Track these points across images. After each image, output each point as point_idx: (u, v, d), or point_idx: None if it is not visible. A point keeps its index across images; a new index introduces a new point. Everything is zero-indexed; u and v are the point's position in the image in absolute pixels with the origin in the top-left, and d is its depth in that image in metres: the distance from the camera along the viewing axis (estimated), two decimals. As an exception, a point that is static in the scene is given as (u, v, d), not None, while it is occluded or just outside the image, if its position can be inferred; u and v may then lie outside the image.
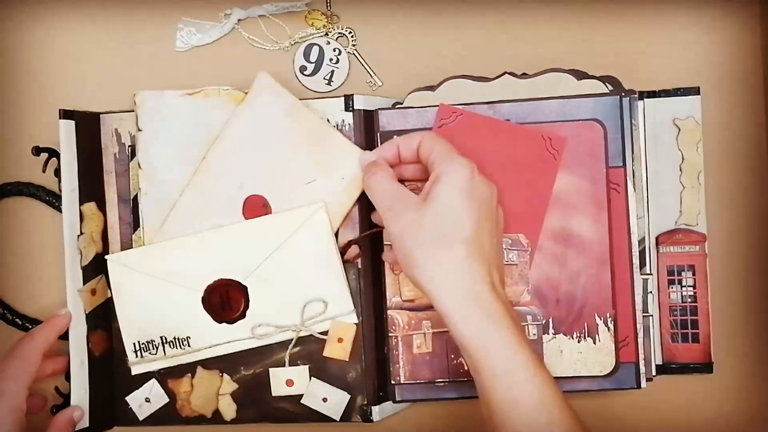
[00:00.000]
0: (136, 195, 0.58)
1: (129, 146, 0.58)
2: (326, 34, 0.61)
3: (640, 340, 0.54)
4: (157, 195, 0.56)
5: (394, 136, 0.54)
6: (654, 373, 0.56)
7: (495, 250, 0.49)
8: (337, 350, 0.56)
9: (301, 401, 0.56)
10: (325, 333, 0.56)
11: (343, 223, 0.56)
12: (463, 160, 0.49)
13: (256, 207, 0.55)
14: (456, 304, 0.46)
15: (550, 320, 0.55)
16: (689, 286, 0.56)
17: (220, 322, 0.56)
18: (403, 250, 0.48)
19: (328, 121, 0.56)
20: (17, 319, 0.60)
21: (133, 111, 0.58)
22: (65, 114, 0.56)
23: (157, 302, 0.56)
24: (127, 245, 0.58)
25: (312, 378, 0.56)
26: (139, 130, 0.56)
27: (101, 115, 0.58)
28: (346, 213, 0.55)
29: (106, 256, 0.57)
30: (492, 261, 0.48)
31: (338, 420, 0.56)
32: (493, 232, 0.49)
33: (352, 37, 0.61)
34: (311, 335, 0.56)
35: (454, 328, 0.46)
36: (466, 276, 0.46)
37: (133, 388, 0.58)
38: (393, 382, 0.56)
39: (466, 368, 0.55)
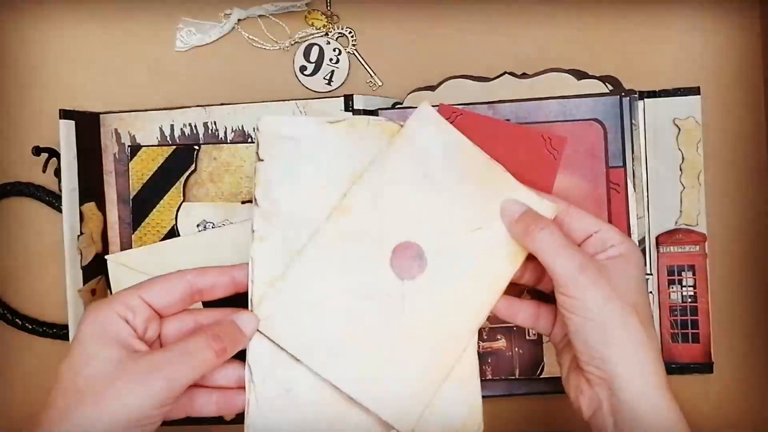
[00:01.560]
0: (135, 195, 0.58)
1: (129, 146, 0.58)
2: (326, 34, 0.61)
3: (640, 340, 0.54)
4: (273, 239, 0.46)
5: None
6: (654, 373, 0.56)
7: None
8: (337, 350, 0.55)
9: (301, 401, 0.56)
10: (325, 333, 0.55)
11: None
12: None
13: (407, 257, 0.46)
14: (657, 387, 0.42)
15: (550, 320, 0.55)
16: (689, 286, 0.56)
17: (220, 322, 0.56)
18: (598, 320, 0.42)
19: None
20: (17, 320, 0.60)
21: (132, 111, 0.58)
22: (65, 114, 0.56)
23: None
24: (126, 245, 0.58)
25: (312, 378, 0.56)
26: (260, 159, 0.47)
27: (101, 115, 0.58)
28: (518, 267, 0.47)
29: (106, 257, 0.57)
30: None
31: (338, 420, 0.56)
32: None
33: (352, 37, 0.61)
34: (311, 335, 0.56)
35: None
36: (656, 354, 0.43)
37: (133, 388, 0.57)
38: (393, 382, 0.55)
39: (466, 368, 0.55)
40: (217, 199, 0.57)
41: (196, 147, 0.57)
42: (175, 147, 0.57)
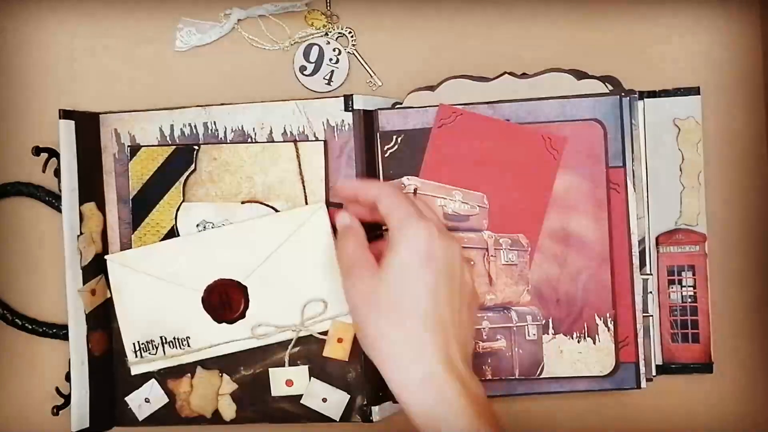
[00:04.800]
0: (135, 195, 0.58)
1: (128, 146, 0.58)
2: (326, 34, 0.61)
3: (640, 340, 0.54)
4: None
5: (353, 180, 0.54)
6: (654, 373, 0.56)
7: (457, 316, 0.47)
8: (337, 350, 0.56)
9: (301, 401, 0.56)
10: (325, 333, 0.56)
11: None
12: (421, 224, 0.46)
13: None
14: (408, 387, 0.45)
15: (550, 320, 0.55)
16: (689, 287, 0.56)
17: (219, 322, 0.56)
18: (357, 320, 0.47)
19: (327, 121, 0.56)
20: (17, 320, 0.60)
21: (132, 111, 0.58)
22: (65, 114, 0.56)
23: (157, 302, 0.56)
24: (126, 245, 0.58)
25: (312, 378, 0.56)
26: None
27: (101, 115, 0.58)
28: None
29: (105, 256, 0.57)
30: (451, 331, 0.46)
31: (338, 420, 0.56)
32: (454, 298, 0.47)
33: (351, 37, 0.61)
34: (311, 335, 0.56)
35: (406, 409, 0.45)
36: (419, 356, 0.44)
37: (132, 389, 0.57)
38: (393, 382, 0.56)
39: (466, 368, 0.55)
40: (217, 199, 0.57)
41: (196, 147, 0.57)
42: (174, 147, 0.57)
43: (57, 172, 0.57)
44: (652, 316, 0.56)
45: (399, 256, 0.46)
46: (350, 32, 0.61)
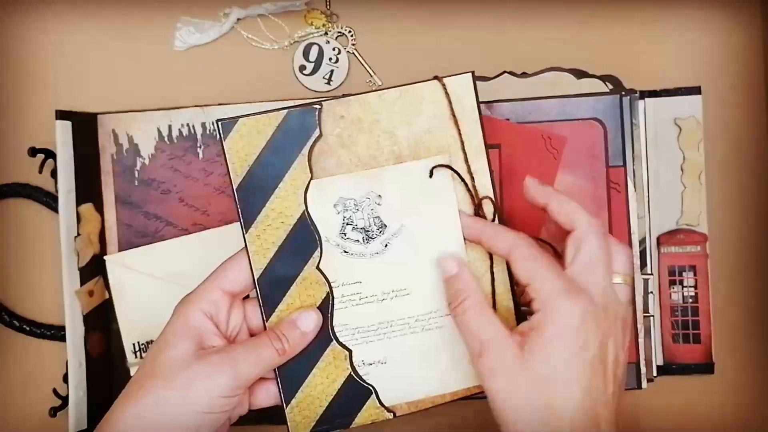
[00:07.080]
0: (240, 184, 0.57)
1: (126, 148, 0.58)
2: (326, 34, 0.61)
3: (641, 340, 0.54)
4: None
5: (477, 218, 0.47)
6: (655, 373, 0.56)
7: (606, 401, 0.42)
8: (337, 351, 0.55)
9: (301, 402, 0.56)
10: (325, 334, 0.55)
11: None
12: (575, 300, 0.42)
13: None
14: None
15: (551, 321, 0.55)
16: (690, 287, 0.56)
17: (219, 322, 0.56)
18: (502, 413, 0.42)
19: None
20: (15, 321, 0.60)
21: (130, 111, 0.58)
22: (62, 115, 0.56)
23: (157, 302, 0.56)
24: (125, 246, 0.58)
25: (311, 379, 0.56)
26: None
27: (99, 116, 0.58)
28: None
29: (105, 257, 0.57)
30: (601, 417, 0.42)
31: (338, 421, 0.56)
32: (604, 383, 0.42)
33: (351, 36, 0.61)
34: (311, 336, 0.55)
35: None
36: None
37: (131, 390, 0.57)
38: (393, 383, 0.55)
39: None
40: (353, 168, 0.46)
41: (318, 106, 0.45)
42: (286, 111, 0.45)
43: (54, 173, 0.57)
44: (652, 316, 0.55)
45: (548, 342, 0.42)
46: (350, 32, 0.60)
